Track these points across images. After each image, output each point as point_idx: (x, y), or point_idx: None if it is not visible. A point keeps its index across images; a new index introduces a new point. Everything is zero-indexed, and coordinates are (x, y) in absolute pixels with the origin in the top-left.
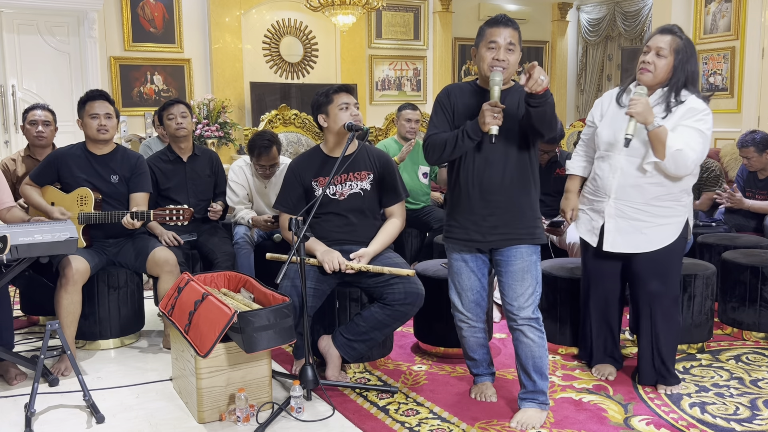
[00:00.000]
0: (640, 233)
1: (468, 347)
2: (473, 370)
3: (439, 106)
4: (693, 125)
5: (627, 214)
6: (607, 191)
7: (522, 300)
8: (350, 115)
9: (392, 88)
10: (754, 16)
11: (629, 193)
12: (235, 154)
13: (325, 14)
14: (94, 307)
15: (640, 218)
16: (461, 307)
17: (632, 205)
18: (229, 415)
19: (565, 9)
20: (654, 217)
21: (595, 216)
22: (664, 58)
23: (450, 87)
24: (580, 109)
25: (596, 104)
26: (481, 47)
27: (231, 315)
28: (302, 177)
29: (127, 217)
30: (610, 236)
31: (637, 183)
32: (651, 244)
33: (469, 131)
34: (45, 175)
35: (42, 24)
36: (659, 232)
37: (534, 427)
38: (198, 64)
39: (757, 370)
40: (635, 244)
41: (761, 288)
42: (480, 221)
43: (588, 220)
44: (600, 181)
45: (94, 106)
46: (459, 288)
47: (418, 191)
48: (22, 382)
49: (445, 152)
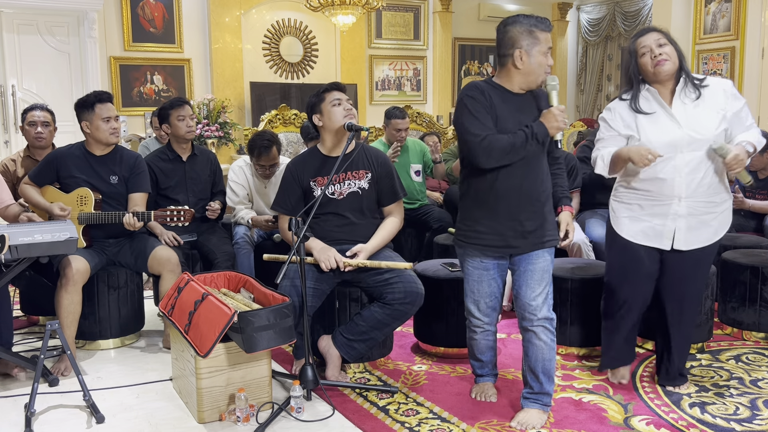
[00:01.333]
0: (707, 226)
1: (477, 349)
2: (478, 371)
3: (479, 104)
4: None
5: (697, 210)
6: (676, 192)
7: (540, 300)
8: (344, 109)
9: (392, 88)
10: (754, 16)
11: (698, 190)
12: (235, 154)
13: (325, 14)
14: (94, 307)
15: (707, 211)
16: (478, 313)
17: (702, 199)
18: (229, 415)
19: (565, 9)
20: (716, 206)
21: (663, 220)
22: (666, 46)
23: (481, 85)
24: (580, 109)
25: (611, 117)
26: (534, 51)
27: (231, 315)
28: (300, 178)
29: (127, 217)
30: (681, 235)
31: (704, 175)
32: (716, 234)
33: (538, 135)
34: (44, 175)
35: (42, 24)
36: (720, 220)
37: (534, 428)
38: (198, 64)
39: (757, 370)
40: (705, 238)
41: (761, 288)
42: (518, 227)
43: (650, 227)
44: (663, 184)
45: (107, 109)
46: (478, 295)
47: (412, 190)
48: (22, 382)
49: (509, 156)
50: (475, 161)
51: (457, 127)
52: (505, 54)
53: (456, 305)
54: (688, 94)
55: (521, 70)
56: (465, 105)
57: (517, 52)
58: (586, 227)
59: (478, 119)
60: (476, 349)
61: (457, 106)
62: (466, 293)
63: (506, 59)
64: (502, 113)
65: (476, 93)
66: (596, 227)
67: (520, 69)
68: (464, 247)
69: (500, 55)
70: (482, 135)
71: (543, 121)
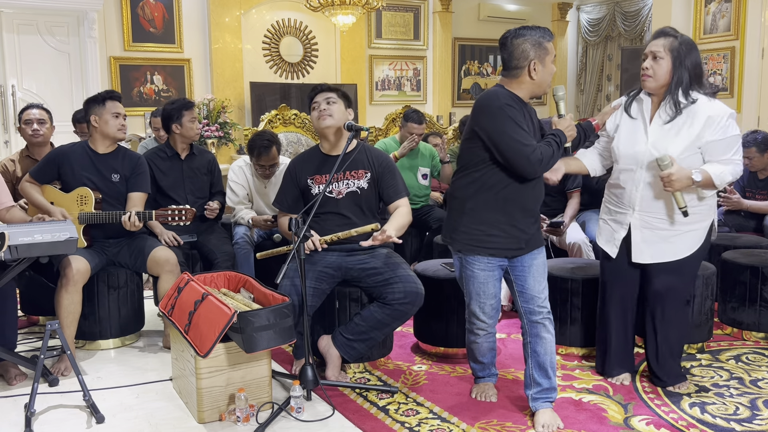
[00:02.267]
0: (666, 242)
1: (479, 352)
2: (479, 373)
3: (519, 114)
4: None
5: (652, 224)
6: (631, 203)
7: (546, 292)
8: (318, 111)
9: (392, 88)
10: (754, 16)
11: (654, 205)
12: (235, 154)
13: (325, 14)
14: (94, 307)
15: (665, 227)
16: (483, 315)
17: (657, 215)
18: (229, 415)
19: (565, 9)
20: (680, 225)
21: (617, 227)
22: (661, 60)
23: (508, 94)
24: (580, 109)
25: (612, 116)
26: (547, 61)
27: (231, 315)
28: (298, 176)
29: (126, 217)
30: (636, 247)
31: (661, 195)
32: (677, 253)
33: (561, 142)
34: (46, 173)
35: (42, 24)
36: (685, 239)
37: (560, 427)
38: (198, 64)
39: (757, 370)
40: (661, 254)
41: (761, 288)
42: (527, 229)
43: (609, 231)
44: (623, 193)
45: (116, 106)
46: (484, 297)
47: (417, 192)
48: (22, 382)
49: (552, 164)
50: (525, 170)
51: (498, 136)
52: (518, 66)
53: (456, 305)
54: (668, 112)
55: (535, 81)
56: (508, 115)
57: (532, 64)
58: (586, 227)
59: (523, 129)
60: (478, 352)
61: (494, 115)
62: (471, 297)
63: (521, 71)
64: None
65: (512, 102)
66: (596, 227)
67: (535, 80)
68: (479, 251)
69: (513, 68)
70: (533, 145)
71: (561, 129)
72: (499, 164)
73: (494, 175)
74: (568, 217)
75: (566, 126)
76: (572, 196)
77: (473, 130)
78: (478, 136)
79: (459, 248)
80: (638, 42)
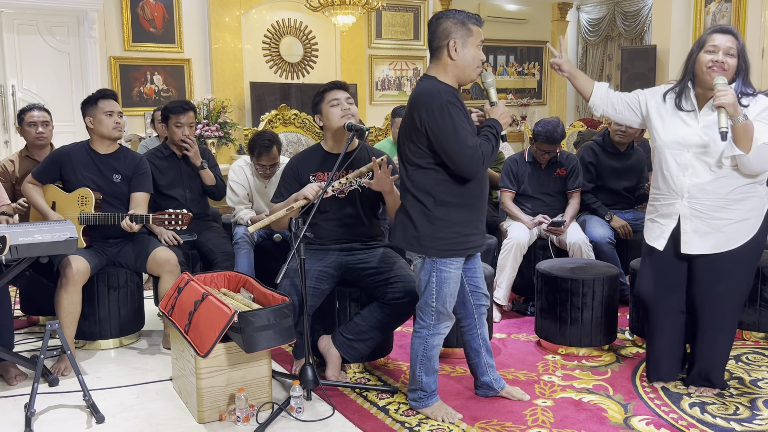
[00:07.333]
0: (720, 232)
1: (469, 346)
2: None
3: (461, 111)
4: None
5: (703, 213)
6: (679, 191)
7: (485, 283)
8: (341, 110)
9: (392, 88)
10: (754, 16)
11: (704, 191)
12: (235, 154)
13: (325, 14)
14: (94, 307)
15: (718, 216)
16: (450, 312)
17: (708, 202)
18: (229, 415)
19: (565, 9)
20: (733, 212)
21: (665, 221)
22: (733, 57)
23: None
24: (580, 109)
25: (650, 95)
26: (470, 43)
27: (231, 315)
28: (300, 173)
29: (125, 221)
30: (686, 238)
31: (711, 180)
32: (732, 242)
33: (498, 133)
34: (48, 173)
35: (42, 24)
36: (739, 228)
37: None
38: (198, 64)
39: (757, 370)
40: (714, 244)
41: (761, 288)
42: (481, 226)
43: (657, 227)
44: (670, 179)
45: (109, 104)
46: (451, 297)
47: None
48: (22, 382)
49: (491, 160)
50: (468, 171)
51: (443, 138)
52: (439, 45)
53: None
54: None
55: (456, 62)
56: (450, 114)
57: (451, 42)
58: (586, 227)
59: (466, 129)
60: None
61: (436, 113)
62: (442, 299)
63: (441, 51)
64: (467, 117)
65: (453, 98)
66: (596, 227)
67: (455, 60)
68: (459, 253)
69: (434, 48)
70: (475, 146)
71: (496, 118)
72: None
73: (457, 178)
74: (569, 216)
75: (500, 113)
76: (573, 196)
77: (416, 125)
78: (423, 132)
79: (435, 255)
80: (638, 42)
